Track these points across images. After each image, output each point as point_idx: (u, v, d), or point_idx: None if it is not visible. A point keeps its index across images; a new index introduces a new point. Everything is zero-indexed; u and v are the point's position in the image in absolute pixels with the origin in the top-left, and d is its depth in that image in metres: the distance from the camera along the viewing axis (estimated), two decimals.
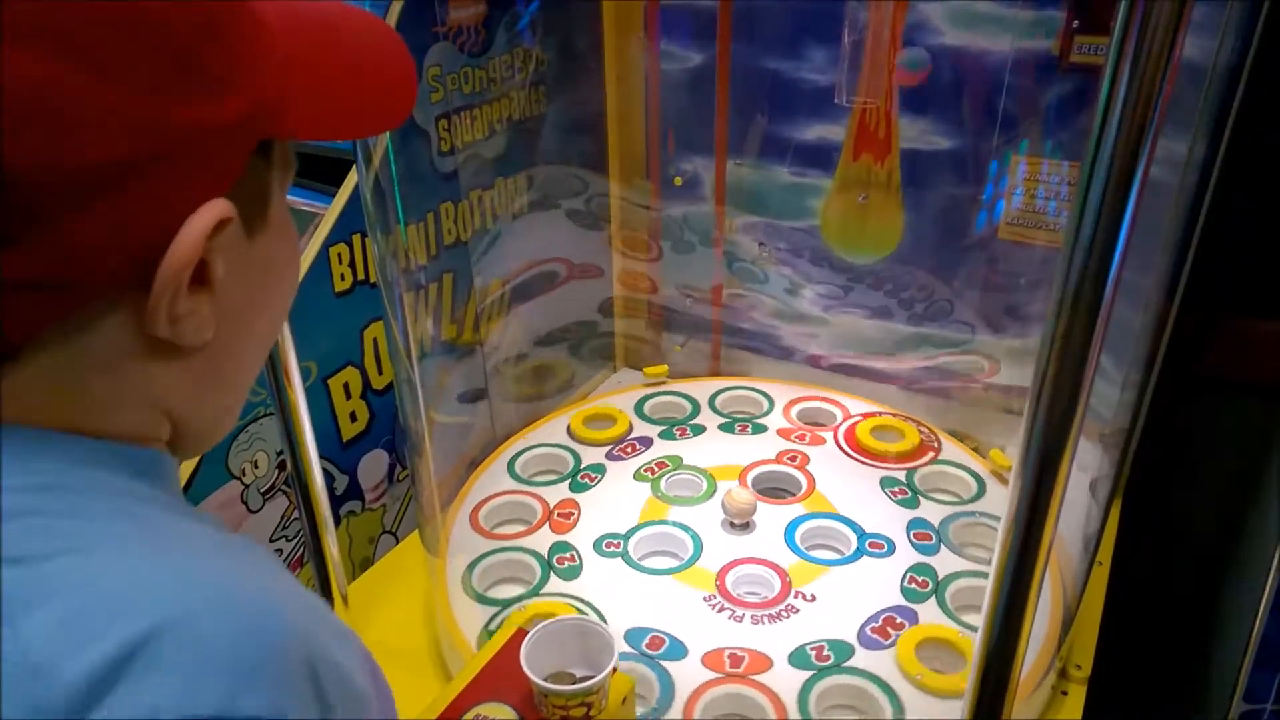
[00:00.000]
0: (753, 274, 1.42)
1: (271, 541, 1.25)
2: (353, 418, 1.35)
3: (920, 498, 1.19)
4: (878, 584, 1.04)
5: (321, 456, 0.98)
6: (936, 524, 1.13)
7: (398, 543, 1.36)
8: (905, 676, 0.92)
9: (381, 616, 1.12)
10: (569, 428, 1.33)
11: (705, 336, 1.51)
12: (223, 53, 0.38)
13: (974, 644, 0.66)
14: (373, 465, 1.41)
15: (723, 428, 1.34)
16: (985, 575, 1.02)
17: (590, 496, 1.19)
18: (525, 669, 0.78)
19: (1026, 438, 0.57)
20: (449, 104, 1.13)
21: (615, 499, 1.19)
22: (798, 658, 0.95)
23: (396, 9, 1.03)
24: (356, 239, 1.28)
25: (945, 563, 1.07)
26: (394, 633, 1.10)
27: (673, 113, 1.37)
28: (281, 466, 1.23)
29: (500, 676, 0.83)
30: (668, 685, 0.92)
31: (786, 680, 0.92)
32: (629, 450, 1.29)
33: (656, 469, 1.24)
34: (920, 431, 1.29)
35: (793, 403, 1.39)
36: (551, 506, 1.17)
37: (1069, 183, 1.14)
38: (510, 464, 1.26)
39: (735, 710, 0.91)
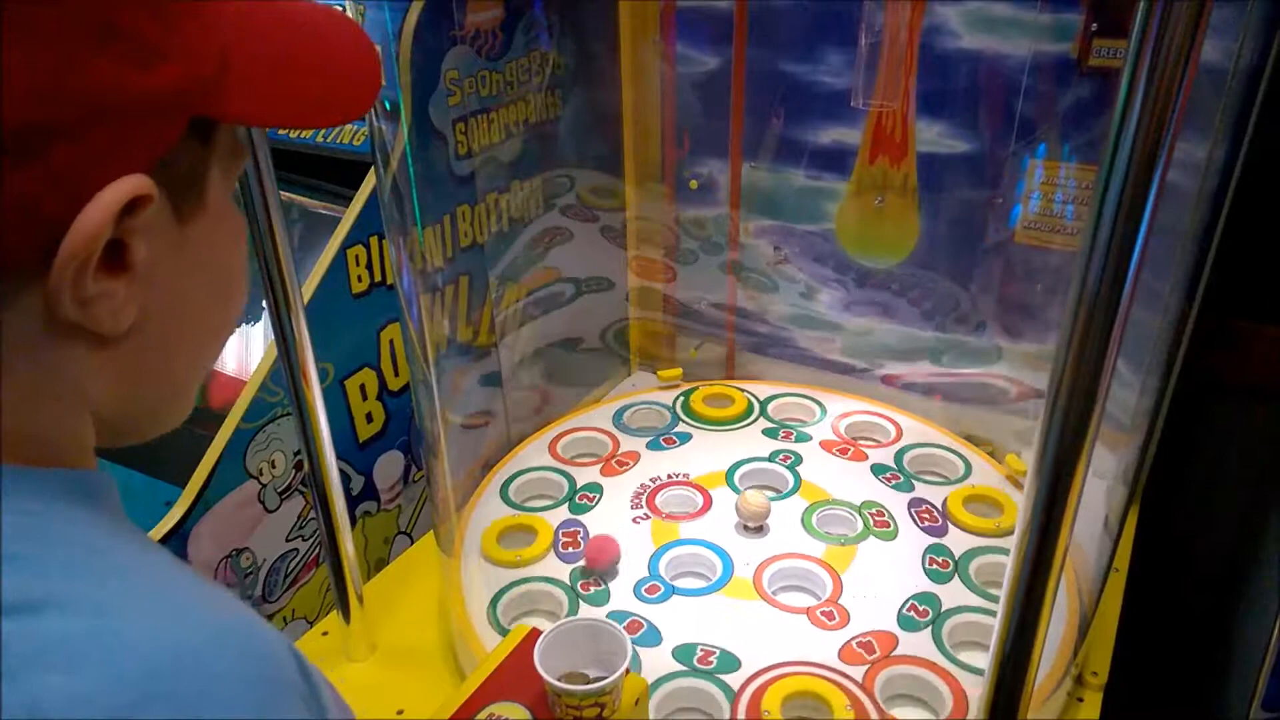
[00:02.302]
0: (767, 278, 1.42)
1: (288, 541, 1.26)
2: (369, 419, 1.36)
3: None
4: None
5: (338, 457, 0.98)
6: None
7: (412, 543, 1.36)
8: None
9: (396, 616, 1.13)
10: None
11: (720, 340, 1.51)
12: (150, 18, 0.36)
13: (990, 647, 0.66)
14: (388, 466, 1.41)
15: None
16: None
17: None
18: (539, 669, 0.78)
19: (1042, 443, 0.57)
20: (466, 107, 1.13)
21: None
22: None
23: (415, 13, 1.04)
24: (374, 241, 1.28)
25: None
26: (408, 632, 1.11)
27: (688, 116, 1.37)
28: (298, 466, 1.24)
29: (514, 676, 0.83)
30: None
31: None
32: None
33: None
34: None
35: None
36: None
37: (1086, 187, 1.14)
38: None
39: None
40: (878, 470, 1.23)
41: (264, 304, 0.91)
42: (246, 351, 1.30)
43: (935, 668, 0.93)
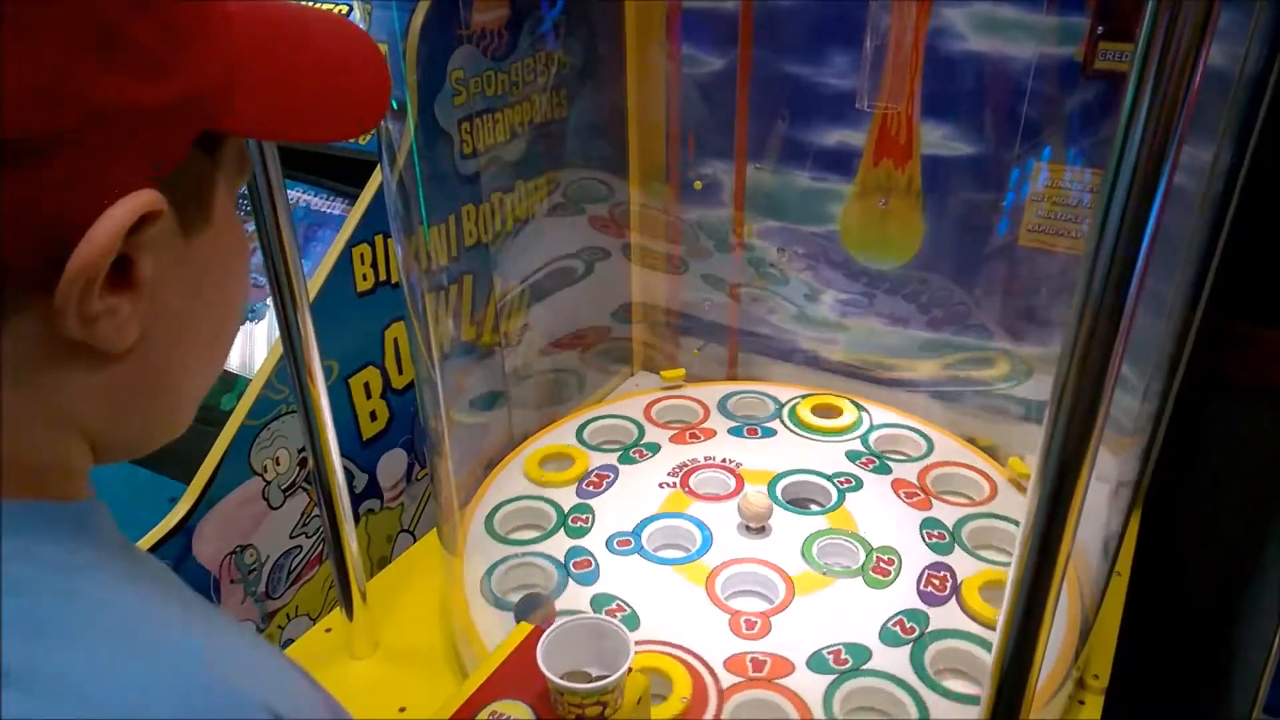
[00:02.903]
0: (771, 279, 1.42)
1: (291, 538, 1.26)
2: (373, 417, 1.36)
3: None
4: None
5: (342, 455, 0.98)
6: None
7: (415, 541, 1.37)
8: None
9: (399, 614, 1.13)
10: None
11: (723, 341, 1.51)
12: (158, 30, 0.35)
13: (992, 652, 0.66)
14: (392, 464, 1.41)
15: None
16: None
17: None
18: (542, 667, 0.78)
19: (1046, 446, 0.57)
20: (471, 107, 1.13)
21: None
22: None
23: (421, 12, 1.04)
24: (379, 239, 1.29)
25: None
26: (411, 630, 1.11)
27: (693, 117, 1.37)
28: (303, 464, 1.24)
29: (516, 675, 0.83)
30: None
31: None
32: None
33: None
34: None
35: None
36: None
37: (1091, 190, 1.14)
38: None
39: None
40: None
41: (269, 301, 0.91)
42: (251, 349, 1.30)
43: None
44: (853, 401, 1.39)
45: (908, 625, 0.99)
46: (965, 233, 1.24)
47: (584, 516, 1.16)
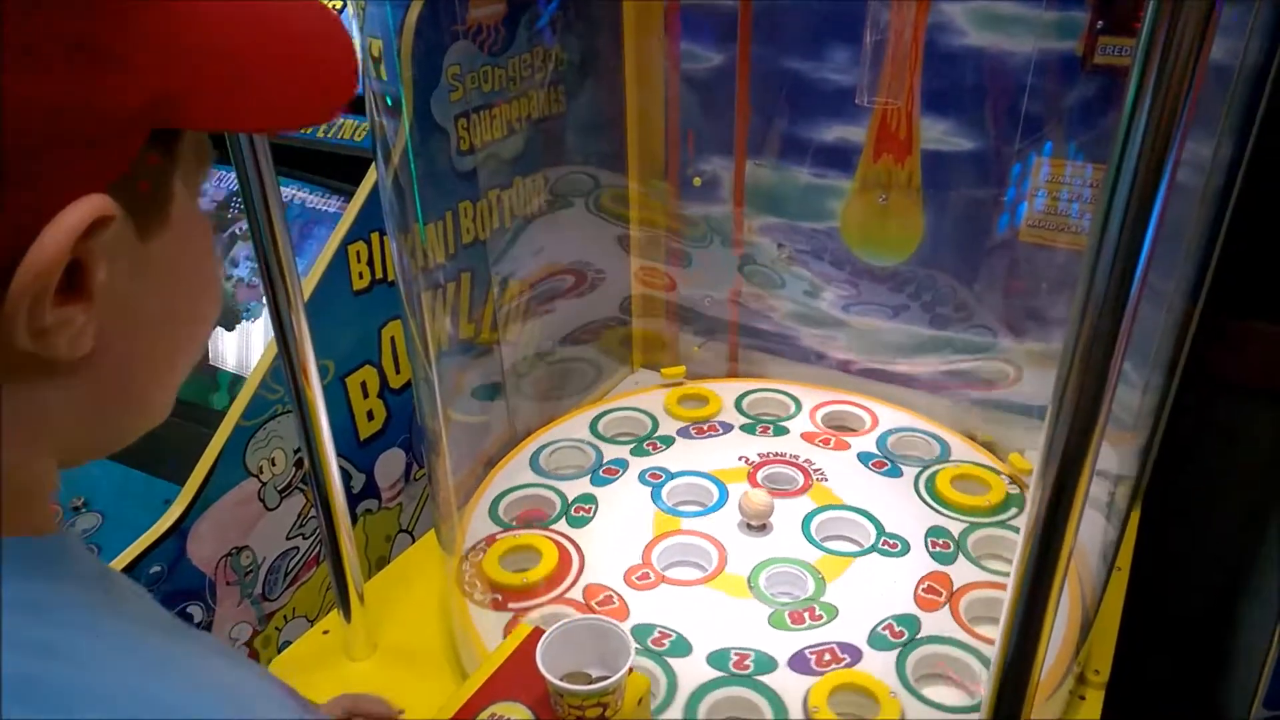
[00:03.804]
0: (771, 275, 1.41)
1: (288, 539, 1.25)
2: (370, 416, 1.35)
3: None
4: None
5: (338, 455, 0.98)
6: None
7: (414, 542, 1.36)
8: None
9: (397, 615, 1.13)
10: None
11: (723, 338, 1.51)
12: (110, 28, 0.33)
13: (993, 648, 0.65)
14: (390, 464, 1.41)
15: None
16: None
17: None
18: (541, 669, 0.78)
19: (1048, 443, 0.56)
20: (468, 103, 1.13)
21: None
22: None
23: (417, 8, 1.04)
24: (375, 237, 1.28)
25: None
26: (409, 632, 1.11)
27: (692, 113, 1.37)
28: (299, 464, 1.24)
29: (516, 676, 0.83)
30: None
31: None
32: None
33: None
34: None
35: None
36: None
37: (1091, 185, 1.13)
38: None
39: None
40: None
41: (264, 300, 0.90)
42: (247, 348, 1.30)
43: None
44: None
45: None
46: (966, 228, 1.24)
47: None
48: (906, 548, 1.09)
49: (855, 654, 0.95)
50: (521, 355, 1.34)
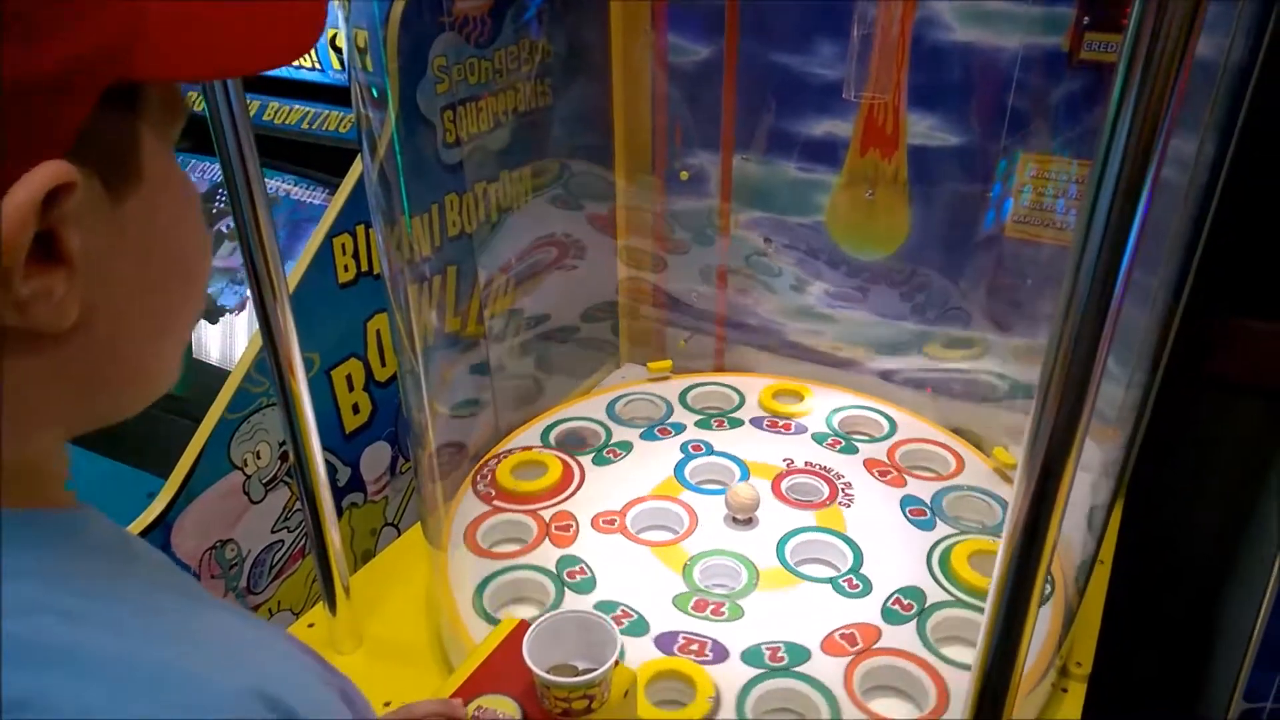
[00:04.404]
0: (758, 269, 1.42)
1: (273, 532, 1.25)
2: (355, 409, 1.35)
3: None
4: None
5: (324, 448, 0.97)
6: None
7: (400, 535, 1.36)
8: None
9: (383, 609, 1.12)
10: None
11: (709, 332, 1.51)
12: None
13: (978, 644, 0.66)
14: (375, 457, 1.40)
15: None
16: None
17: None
18: (528, 661, 0.78)
19: (1032, 437, 0.57)
20: (454, 95, 1.12)
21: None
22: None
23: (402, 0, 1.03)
24: (360, 230, 1.27)
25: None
26: (396, 625, 1.10)
27: (679, 107, 1.37)
28: (284, 457, 1.23)
29: (502, 669, 0.83)
30: None
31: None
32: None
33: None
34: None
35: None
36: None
37: (1077, 181, 1.14)
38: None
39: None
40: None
41: (248, 293, 0.90)
42: (231, 341, 1.29)
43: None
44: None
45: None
46: (952, 224, 1.24)
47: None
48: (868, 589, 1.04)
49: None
50: (507, 349, 1.34)
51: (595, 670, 0.78)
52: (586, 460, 1.25)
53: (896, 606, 1.00)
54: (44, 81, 0.31)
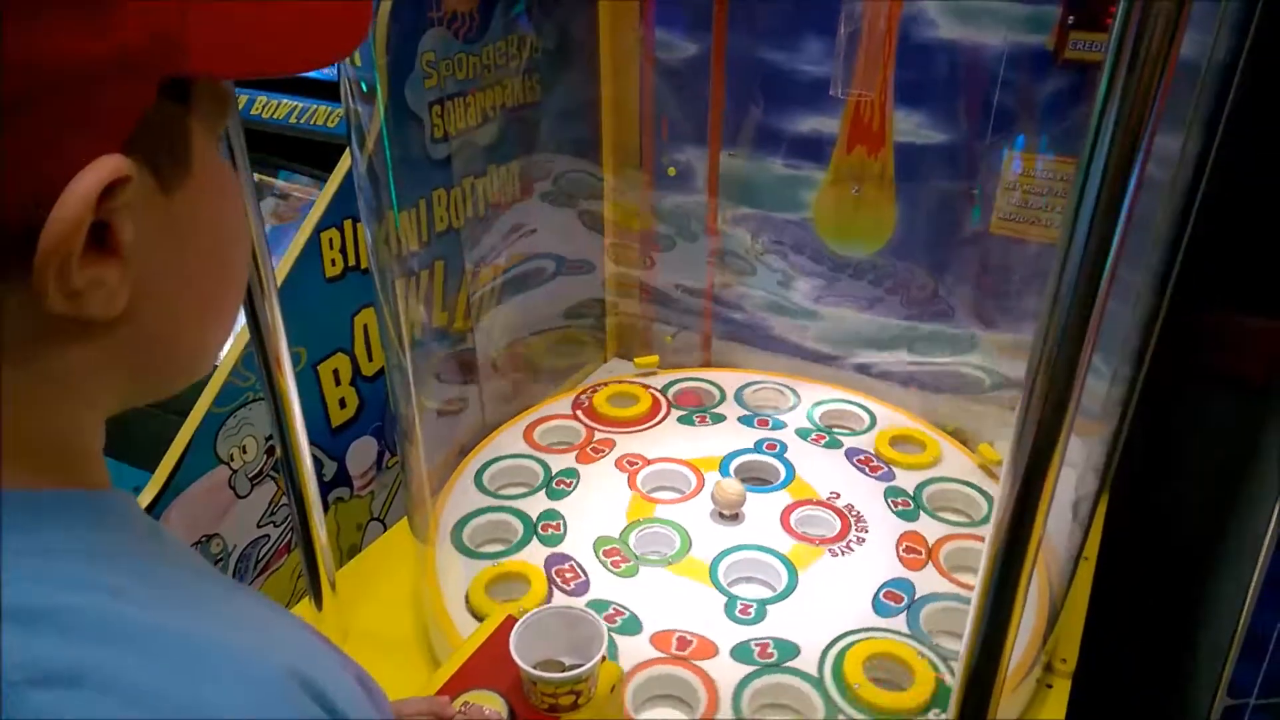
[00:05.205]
0: (745, 266, 1.42)
1: (259, 527, 1.25)
2: (342, 404, 1.35)
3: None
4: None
5: (310, 443, 0.97)
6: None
7: (386, 530, 1.36)
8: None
9: (369, 604, 1.12)
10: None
11: (696, 327, 1.51)
12: None
13: (962, 639, 0.66)
14: (362, 452, 1.40)
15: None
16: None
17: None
18: (514, 656, 0.78)
19: (1018, 434, 0.57)
20: (443, 90, 1.12)
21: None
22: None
23: None
24: (348, 224, 1.27)
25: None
26: (382, 620, 1.10)
27: (667, 103, 1.37)
28: (270, 452, 1.23)
29: (489, 664, 0.83)
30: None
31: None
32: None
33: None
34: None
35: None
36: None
37: (1062, 179, 1.14)
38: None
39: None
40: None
41: None
42: None
43: None
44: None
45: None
46: (937, 220, 1.25)
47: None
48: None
49: None
50: (495, 344, 1.34)
51: (582, 666, 0.78)
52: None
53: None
54: (107, 71, 0.32)
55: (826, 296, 1.38)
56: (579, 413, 1.35)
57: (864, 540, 1.10)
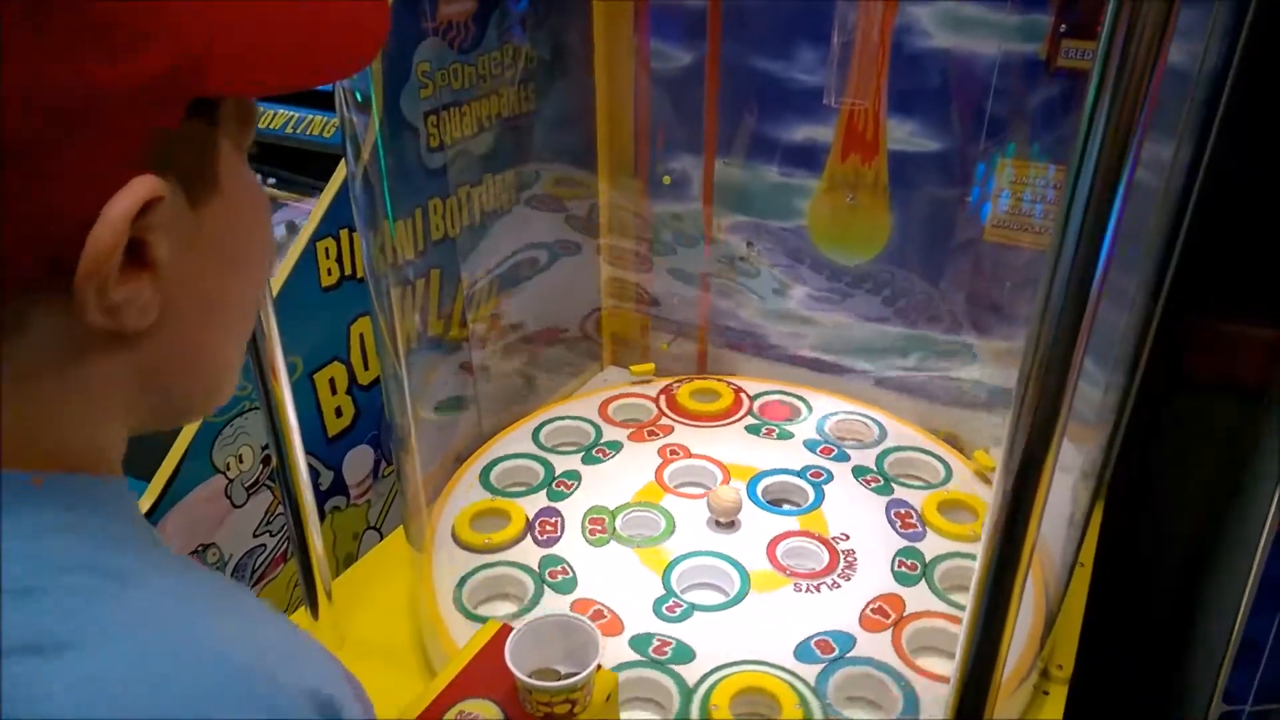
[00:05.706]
0: (740, 273, 1.42)
1: (255, 536, 1.24)
2: (338, 413, 1.35)
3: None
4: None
5: (306, 452, 0.97)
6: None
7: (382, 539, 1.36)
8: None
9: (365, 613, 1.12)
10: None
11: (692, 335, 1.51)
12: (120, 5, 0.33)
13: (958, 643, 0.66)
14: (358, 461, 1.40)
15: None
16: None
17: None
18: (510, 665, 0.78)
19: (1010, 439, 0.57)
20: (438, 100, 1.12)
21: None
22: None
23: (386, 4, 1.03)
24: (344, 234, 1.27)
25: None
26: (378, 629, 1.10)
27: (662, 111, 1.37)
28: (266, 461, 1.23)
29: (484, 673, 0.83)
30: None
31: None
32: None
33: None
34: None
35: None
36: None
37: (1054, 186, 1.15)
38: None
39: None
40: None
41: None
42: None
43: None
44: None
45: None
46: (931, 228, 1.25)
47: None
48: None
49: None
50: (490, 352, 1.34)
51: (578, 674, 0.78)
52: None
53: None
54: (135, 95, 0.33)
55: (822, 304, 1.38)
56: (662, 397, 1.40)
57: (837, 586, 1.04)
